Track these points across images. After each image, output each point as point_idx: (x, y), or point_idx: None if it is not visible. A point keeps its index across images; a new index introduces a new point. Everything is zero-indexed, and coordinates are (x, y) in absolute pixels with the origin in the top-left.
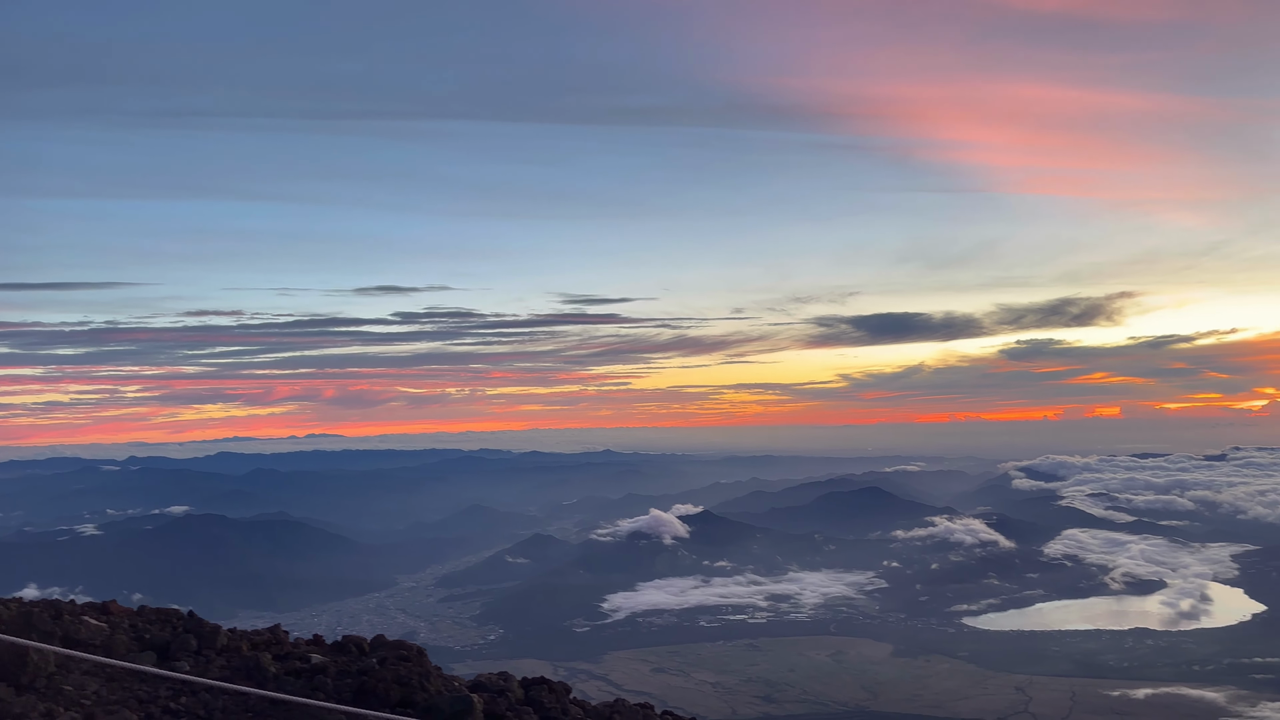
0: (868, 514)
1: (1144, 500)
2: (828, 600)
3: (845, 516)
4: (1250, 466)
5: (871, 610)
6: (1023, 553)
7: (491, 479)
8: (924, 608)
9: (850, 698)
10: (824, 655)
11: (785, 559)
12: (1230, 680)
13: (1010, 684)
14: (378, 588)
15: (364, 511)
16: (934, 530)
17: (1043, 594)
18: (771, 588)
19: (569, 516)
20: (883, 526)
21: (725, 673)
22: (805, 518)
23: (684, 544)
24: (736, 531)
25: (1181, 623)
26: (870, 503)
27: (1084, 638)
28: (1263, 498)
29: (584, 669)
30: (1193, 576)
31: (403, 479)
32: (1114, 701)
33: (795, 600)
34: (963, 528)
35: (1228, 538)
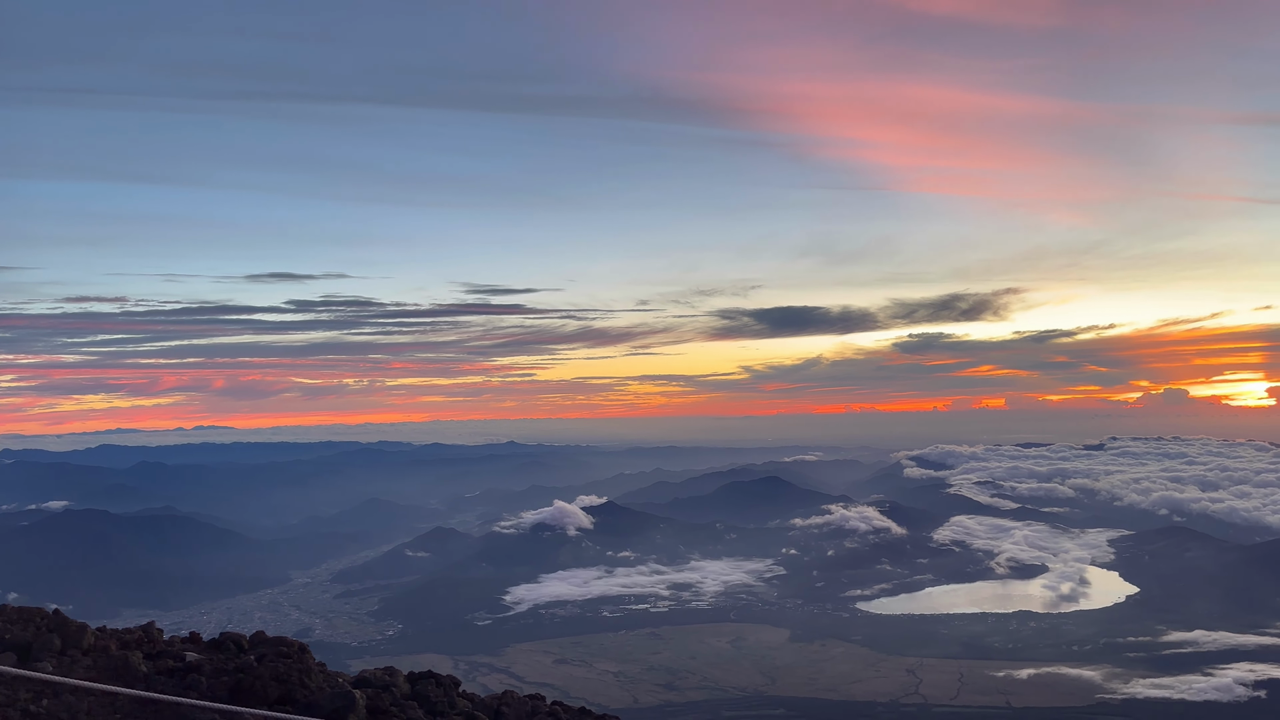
0: (767, 503)
1: (1027, 488)
2: (728, 588)
3: (746, 505)
4: (1126, 456)
5: (770, 597)
6: (913, 539)
7: (391, 472)
8: (820, 593)
9: (749, 683)
10: (724, 642)
11: (687, 548)
12: (1106, 659)
13: (902, 666)
14: (271, 584)
15: (256, 506)
16: (830, 518)
17: (932, 579)
18: (674, 577)
19: (471, 509)
20: (782, 515)
21: (627, 662)
22: (707, 507)
23: (588, 535)
24: (640, 522)
25: (1062, 605)
26: (770, 492)
27: (971, 620)
28: (1136, 485)
29: (485, 662)
30: (1072, 561)
31: (297, 472)
32: (999, 682)
33: (697, 589)
34: (857, 515)
35: (1104, 523)
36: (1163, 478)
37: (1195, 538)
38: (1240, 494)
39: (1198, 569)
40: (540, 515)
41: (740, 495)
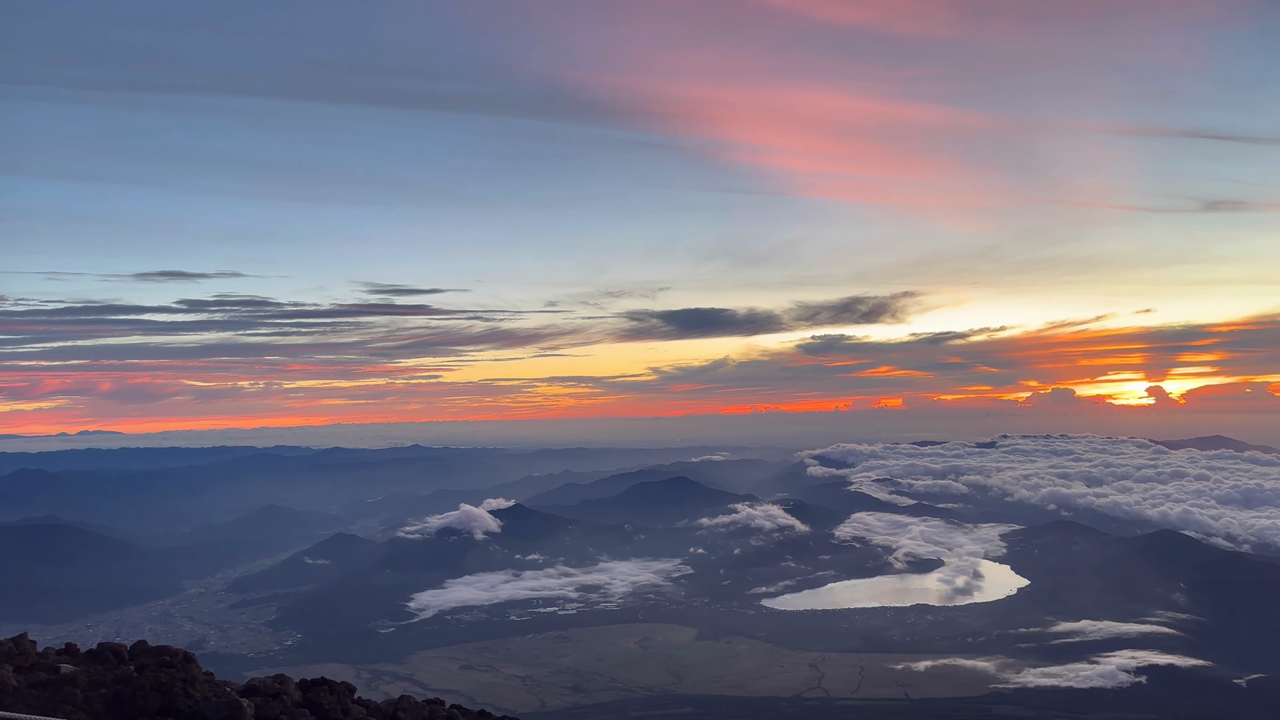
0: (675, 503)
1: (923, 485)
2: (636, 588)
3: (654, 506)
4: (1016, 453)
5: (678, 596)
6: (816, 536)
7: (289, 478)
8: (727, 592)
9: (657, 682)
10: (632, 642)
11: (596, 550)
12: (999, 650)
13: (805, 661)
14: (162, 595)
15: (146, 514)
16: (736, 517)
17: (834, 574)
18: (582, 578)
19: (374, 515)
20: (689, 515)
21: (535, 665)
22: (616, 508)
23: (495, 539)
24: (548, 524)
25: (957, 598)
26: (678, 492)
27: (871, 615)
28: (1026, 481)
29: (389, 670)
30: (966, 555)
31: (190, 479)
32: (898, 674)
33: (605, 590)
34: (762, 514)
35: (996, 518)
36: (1051, 474)
37: (1081, 531)
38: (1123, 489)
39: (1084, 561)
40: (446, 519)
41: (649, 496)
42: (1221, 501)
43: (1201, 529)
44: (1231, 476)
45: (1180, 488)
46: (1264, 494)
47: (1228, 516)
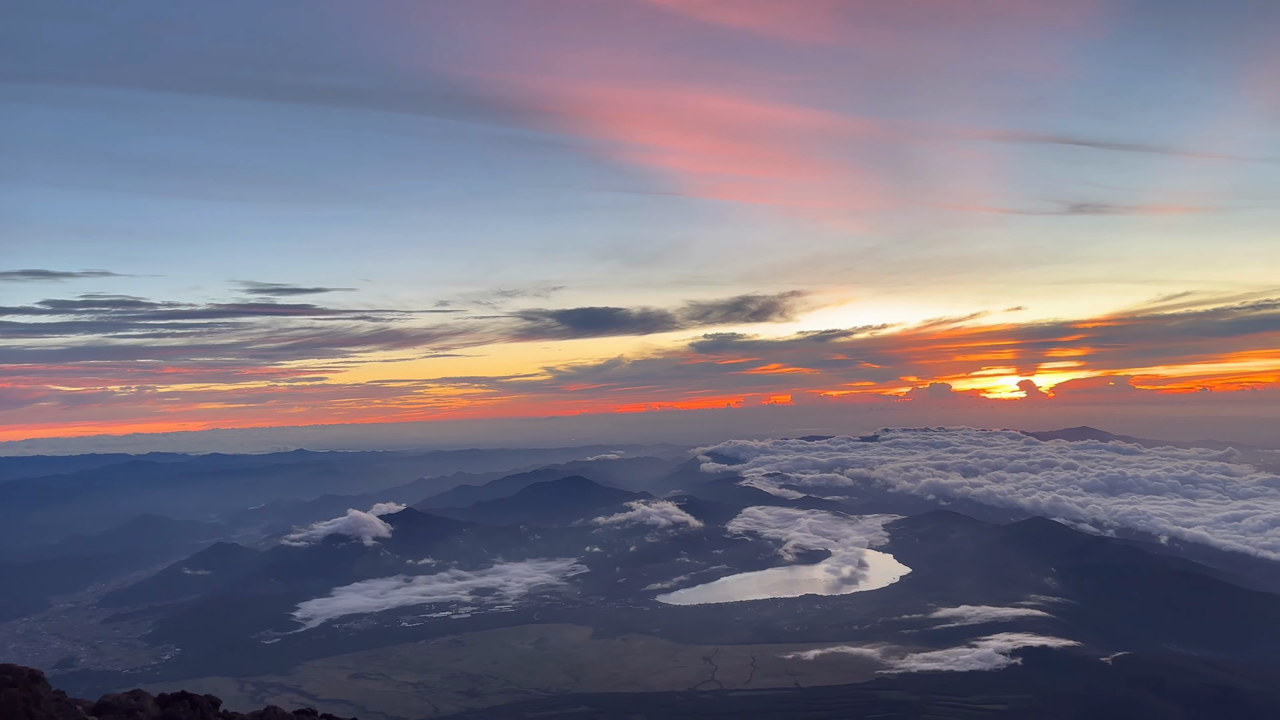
0: (571, 502)
1: (811, 478)
2: (532, 589)
3: (549, 506)
4: (897, 446)
5: (574, 595)
6: (709, 531)
7: (165, 486)
8: (622, 589)
9: (552, 683)
10: (527, 644)
11: (490, 552)
12: (884, 637)
13: (699, 655)
14: (27, 612)
15: (7, 527)
16: (632, 515)
17: (726, 568)
18: (476, 582)
19: (257, 522)
20: (585, 514)
21: (428, 671)
22: (510, 510)
23: (385, 544)
24: (441, 528)
25: (843, 588)
26: (573, 491)
27: (762, 606)
28: (907, 473)
29: (275, 682)
30: (852, 545)
31: (56, 488)
32: (789, 664)
33: (500, 592)
34: (657, 511)
35: (880, 509)
36: (930, 465)
37: (959, 520)
38: (997, 479)
39: (961, 549)
40: (333, 526)
41: (544, 496)
42: (1088, 489)
43: (1070, 515)
44: (1097, 465)
45: (1050, 477)
46: (1126, 481)
47: (1094, 503)
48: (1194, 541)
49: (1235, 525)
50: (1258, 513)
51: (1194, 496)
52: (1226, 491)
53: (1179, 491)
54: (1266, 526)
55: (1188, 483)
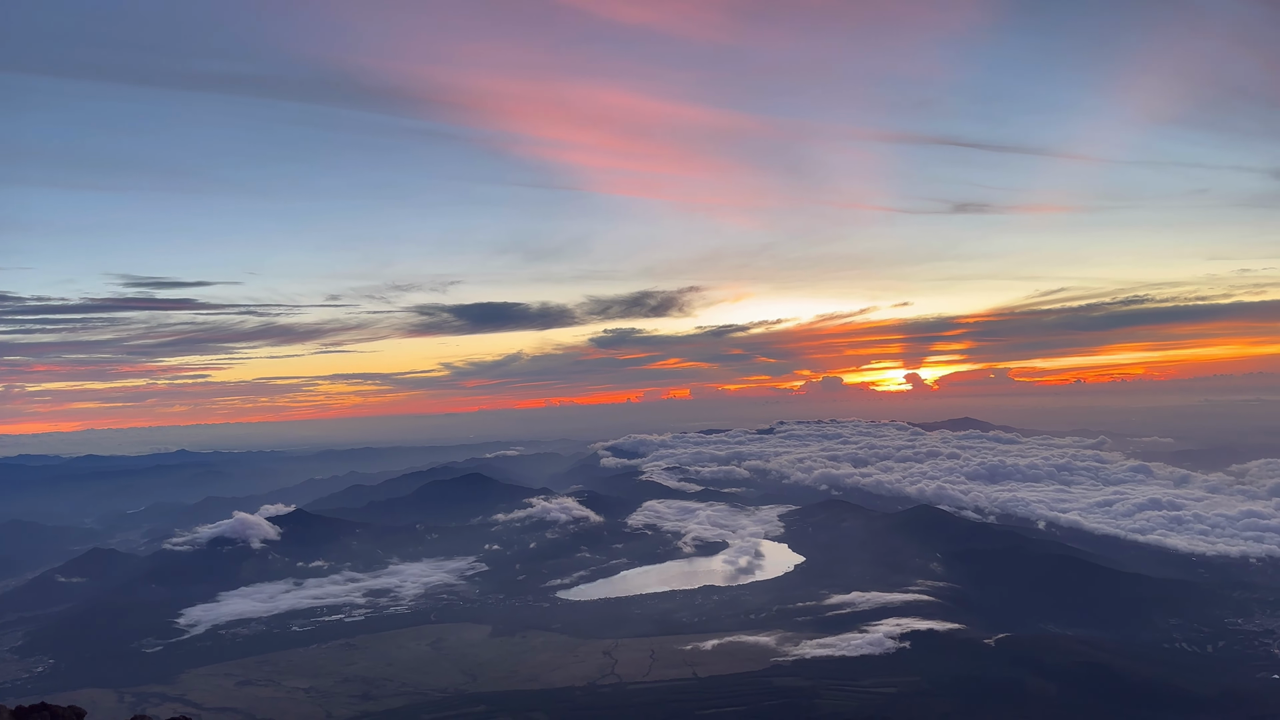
0: (469, 500)
1: (709, 471)
2: (429, 590)
3: (447, 505)
4: (792, 438)
5: (472, 594)
6: (610, 525)
7: (36, 489)
8: (522, 586)
9: (450, 683)
10: (424, 645)
11: (385, 553)
12: (779, 625)
13: (599, 649)
14: None
15: None
16: (532, 511)
17: (627, 562)
18: (370, 583)
19: (136, 526)
20: (484, 511)
21: (320, 676)
22: (406, 509)
23: (274, 547)
24: (333, 529)
25: (740, 578)
26: (472, 489)
27: (661, 599)
28: (801, 464)
29: (157, 692)
30: (748, 536)
31: None
32: (687, 654)
33: (395, 593)
34: (558, 507)
35: (775, 500)
36: (822, 456)
37: (850, 509)
38: (885, 468)
39: (852, 537)
40: (218, 529)
41: (441, 494)
42: (970, 477)
43: (954, 503)
44: (978, 454)
45: (935, 466)
46: (1006, 470)
47: (976, 491)
48: (1069, 526)
49: (1107, 510)
50: (1127, 498)
51: (1069, 483)
52: (1099, 478)
53: (1055, 479)
54: (1135, 511)
55: (1063, 470)
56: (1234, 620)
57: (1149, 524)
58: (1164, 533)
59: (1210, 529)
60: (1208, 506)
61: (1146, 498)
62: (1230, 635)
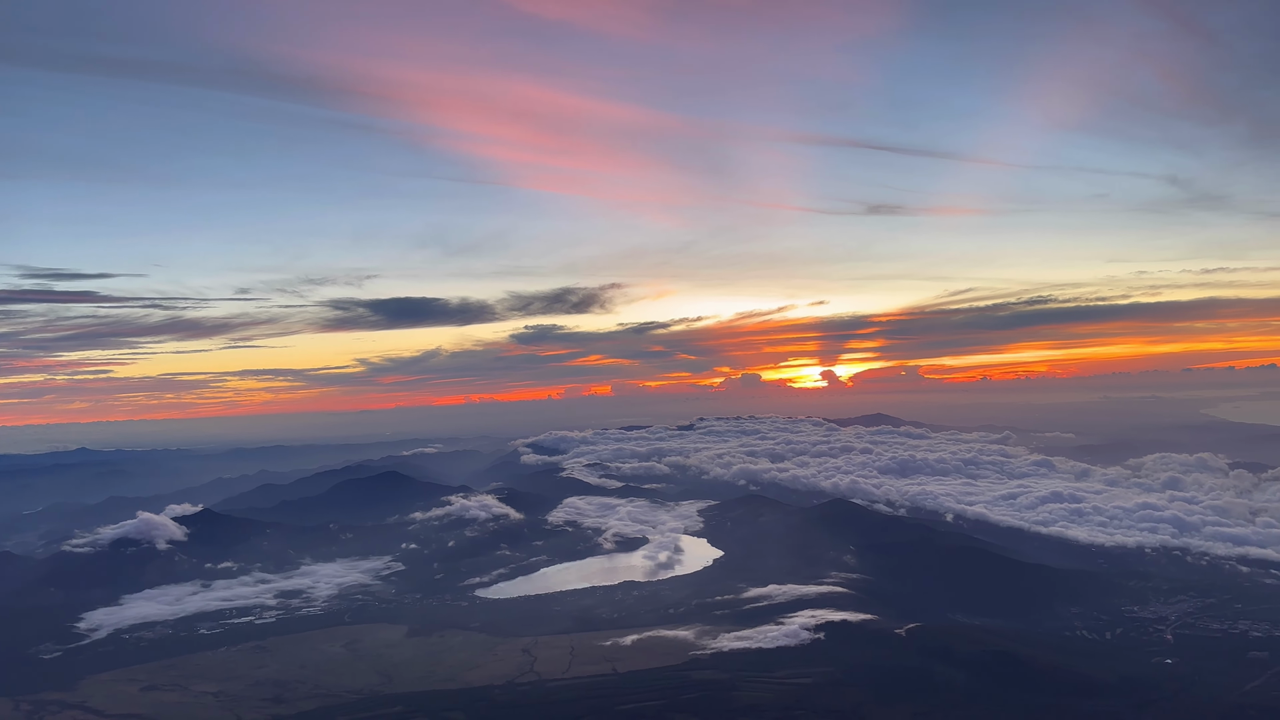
0: (386, 499)
1: (630, 467)
2: (342, 590)
3: (363, 503)
4: (711, 434)
5: (388, 595)
6: (530, 523)
7: None
8: (440, 585)
9: (365, 684)
10: (338, 646)
11: (298, 553)
12: (697, 619)
13: (518, 647)
14: None
15: None
16: (450, 509)
17: (547, 559)
18: (282, 584)
19: (32, 528)
20: (401, 510)
21: (229, 680)
22: (320, 508)
23: (181, 548)
24: (243, 529)
25: (660, 573)
26: (388, 487)
27: (581, 595)
28: (720, 460)
29: (55, 699)
30: (668, 531)
31: None
32: (606, 650)
33: (308, 594)
34: (477, 504)
35: (695, 495)
36: (741, 452)
37: (767, 504)
38: (801, 463)
39: (769, 531)
40: (121, 529)
41: (356, 493)
42: (882, 472)
43: (866, 496)
44: (890, 449)
45: (848, 461)
46: (916, 464)
47: (887, 485)
48: (976, 519)
49: (1011, 503)
50: (1030, 491)
51: (975, 477)
52: (1004, 472)
53: (962, 473)
54: (1038, 503)
55: (970, 464)
56: (1130, 608)
57: (1051, 516)
58: (1065, 524)
59: (1108, 521)
60: (1106, 499)
61: (1049, 491)
62: (1127, 622)
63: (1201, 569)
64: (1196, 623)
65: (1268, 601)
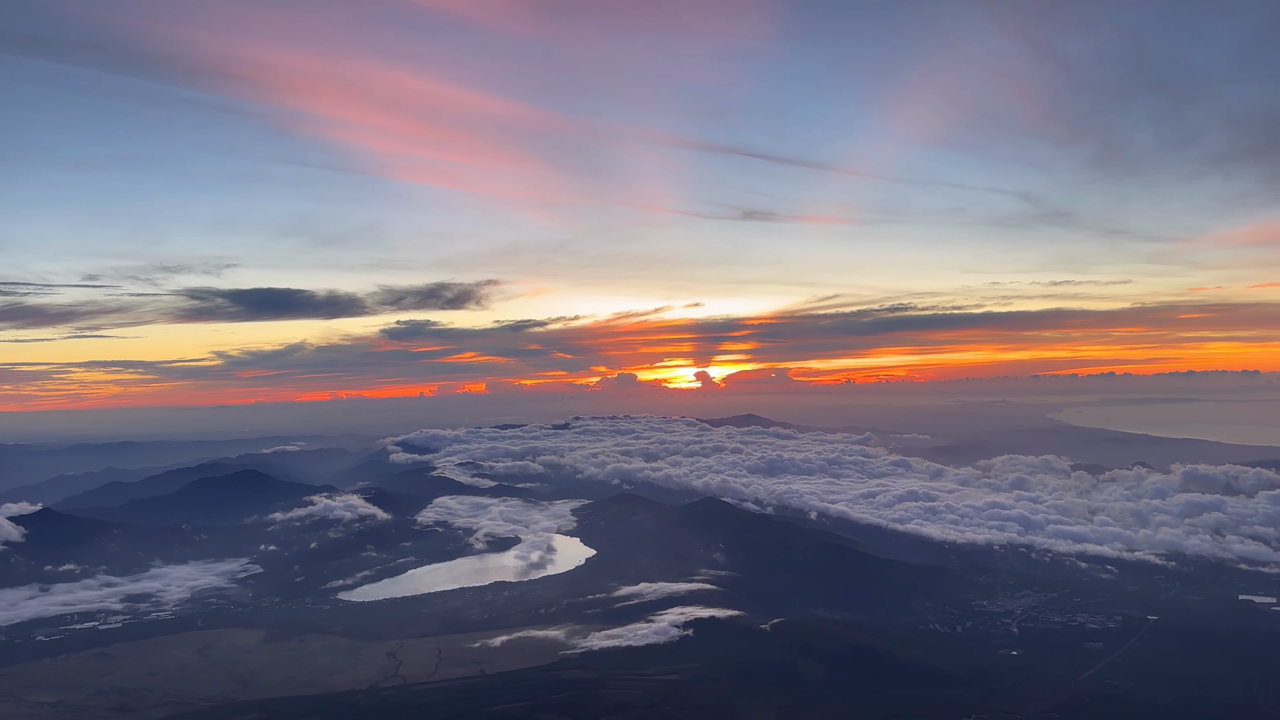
0: (244, 499)
1: (504, 466)
2: (196, 594)
3: (219, 503)
4: (586, 433)
5: (245, 598)
6: (398, 523)
7: None
8: (300, 588)
9: (219, 691)
10: (189, 652)
11: (147, 555)
12: (568, 618)
13: (383, 651)
14: None
15: None
16: (313, 509)
17: (415, 560)
18: (129, 588)
19: None
20: (260, 510)
21: (69, 689)
22: (172, 508)
23: (17, 549)
24: (86, 529)
25: (531, 573)
26: (247, 487)
27: (450, 597)
28: (595, 459)
29: None
30: (541, 531)
31: None
32: (475, 652)
33: (157, 598)
34: (342, 504)
35: (569, 495)
36: (615, 451)
37: (640, 502)
38: (674, 462)
39: (642, 529)
40: None
41: (212, 492)
42: (751, 471)
43: (736, 495)
44: (759, 449)
45: (720, 460)
46: (783, 464)
47: (756, 484)
48: (838, 516)
49: (871, 501)
50: (888, 490)
51: (839, 476)
52: (865, 471)
53: (827, 472)
54: (895, 502)
55: (833, 464)
56: (980, 602)
57: (907, 514)
58: (920, 522)
59: (960, 518)
60: (958, 498)
61: (905, 490)
62: (976, 616)
63: (1045, 565)
64: (1039, 616)
65: (1102, 595)
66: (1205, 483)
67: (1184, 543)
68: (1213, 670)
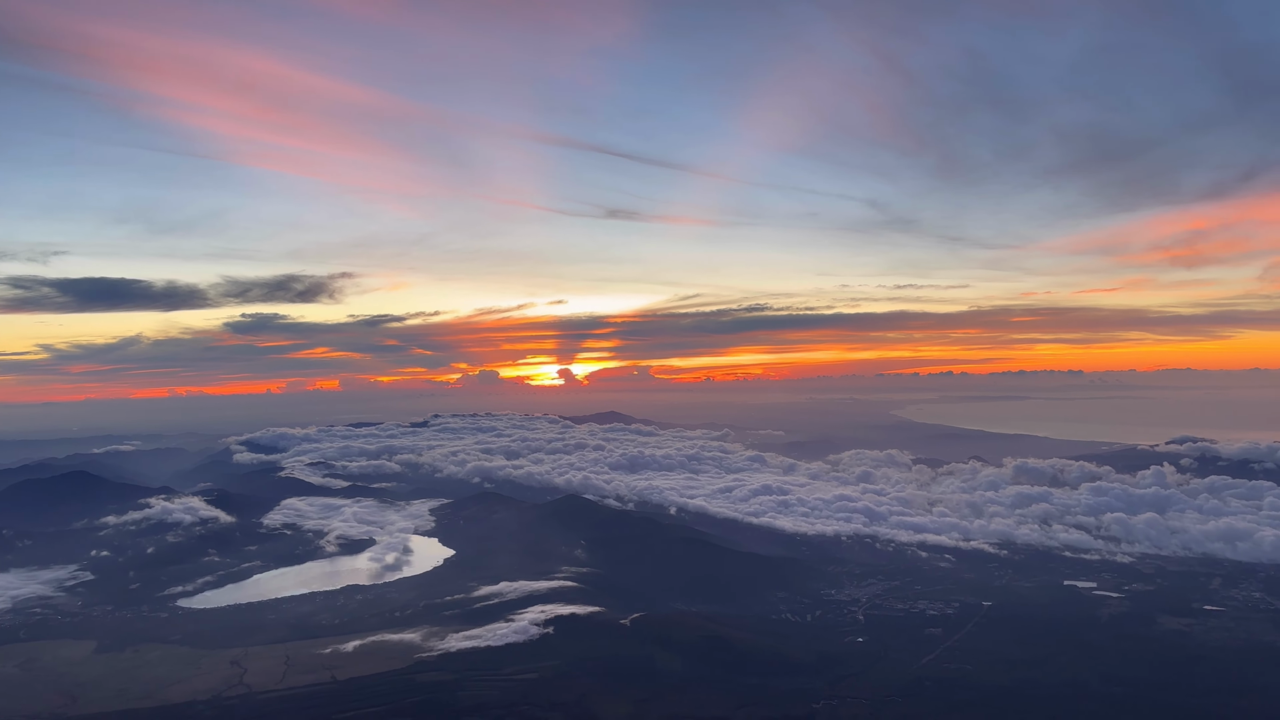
0: (72, 501)
1: (358, 466)
2: (18, 603)
3: (44, 507)
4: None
5: (73, 607)
6: (242, 526)
7: None
8: (135, 596)
9: (44, 706)
10: (11, 666)
11: None
12: (425, 621)
13: (226, 659)
14: None
15: None
16: (150, 512)
17: (261, 565)
18: None
19: None
20: (90, 514)
21: None
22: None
23: None
24: None
25: (386, 575)
26: (75, 489)
27: (299, 602)
28: (455, 457)
29: None
30: (398, 532)
31: None
32: (326, 658)
33: None
34: (181, 507)
35: (427, 494)
36: (476, 449)
37: (501, 501)
38: (536, 460)
39: (503, 528)
40: None
41: (36, 495)
42: (613, 468)
43: (598, 492)
44: (621, 446)
45: (582, 457)
46: (645, 460)
47: (618, 480)
48: (697, 511)
49: (727, 495)
50: (745, 484)
51: (698, 472)
52: (722, 466)
53: (686, 468)
54: (750, 496)
55: (693, 460)
56: (829, 591)
57: (762, 507)
58: (774, 515)
59: (811, 511)
60: (809, 491)
61: (760, 484)
62: (825, 605)
63: (888, 554)
64: (884, 603)
65: (941, 583)
66: (1034, 476)
67: (1015, 532)
68: (1042, 652)
